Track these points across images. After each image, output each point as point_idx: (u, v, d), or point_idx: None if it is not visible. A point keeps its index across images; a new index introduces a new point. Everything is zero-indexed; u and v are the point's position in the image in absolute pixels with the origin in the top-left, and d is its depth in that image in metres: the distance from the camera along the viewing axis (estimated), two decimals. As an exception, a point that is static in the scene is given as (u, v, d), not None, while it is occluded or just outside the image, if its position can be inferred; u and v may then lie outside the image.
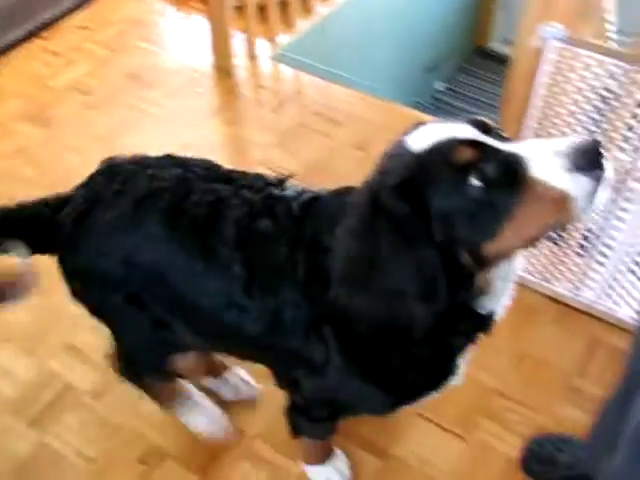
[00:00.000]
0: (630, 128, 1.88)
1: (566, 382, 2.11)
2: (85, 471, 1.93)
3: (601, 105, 1.89)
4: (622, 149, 1.93)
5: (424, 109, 4.58)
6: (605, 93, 1.87)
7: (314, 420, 1.66)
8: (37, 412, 2.03)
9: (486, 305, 1.27)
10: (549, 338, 2.21)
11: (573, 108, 1.93)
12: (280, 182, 1.50)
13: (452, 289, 1.14)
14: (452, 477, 1.92)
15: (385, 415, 1.60)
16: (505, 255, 1.17)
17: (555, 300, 2.30)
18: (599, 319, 2.25)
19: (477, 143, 1.10)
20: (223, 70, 3.18)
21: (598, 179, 1.07)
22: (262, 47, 3.31)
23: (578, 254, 2.21)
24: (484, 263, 1.16)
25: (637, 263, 2.10)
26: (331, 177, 2.62)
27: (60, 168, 2.73)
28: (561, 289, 2.28)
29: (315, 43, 3.51)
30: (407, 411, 1.99)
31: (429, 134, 1.14)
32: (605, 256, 2.15)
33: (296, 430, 1.72)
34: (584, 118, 1.93)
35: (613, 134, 1.91)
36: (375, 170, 1.20)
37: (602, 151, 1.08)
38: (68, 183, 2.60)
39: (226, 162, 2.76)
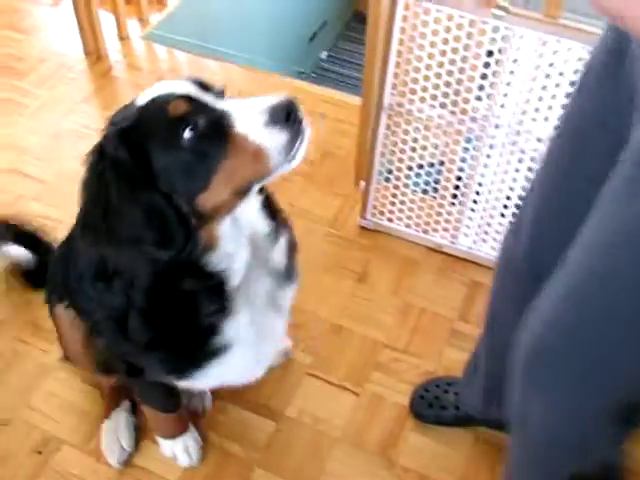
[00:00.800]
0: (484, 77, 1.95)
1: (450, 327, 2.18)
2: (-21, 467, 1.91)
3: (455, 57, 1.95)
4: (479, 98, 2.00)
5: (306, 78, 4.60)
6: (457, 45, 1.93)
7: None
8: None
9: (215, 263, 1.30)
10: (431, 287, 2.28)
11: (429, 62, 1.98)
12: None
13: (187, 236, 1.21)
14: (347, 431, 1.97)
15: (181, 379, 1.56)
16: (221, 209, 1.23)
17: (434, 250, 2.37)
18: (478, 264, 2.33)
19: (192, 99, 1.19)
20: (94, 54, 3.13)
21: (292, 134, 1.17)
22: (133, 28, 3.27)
23: (452, 204, 2.28)
24: (203, 217, 1.22)
25: (506, 207, 2.19)
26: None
27: None
28: (439, 239, 2.35)
29: (187, 19, 3.49)
30: (297, 371, 2.07)
31: (155, 90, 1.22)
32: (476, 203, 2.23)
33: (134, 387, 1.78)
34: (441, 71, 1.98)
35: (469, 84, 1.97)
36: (105, 123, 1.25)
37: (297, 109, 1.17)
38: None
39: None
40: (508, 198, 2.17)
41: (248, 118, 1.17)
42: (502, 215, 2.22)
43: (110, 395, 1.98)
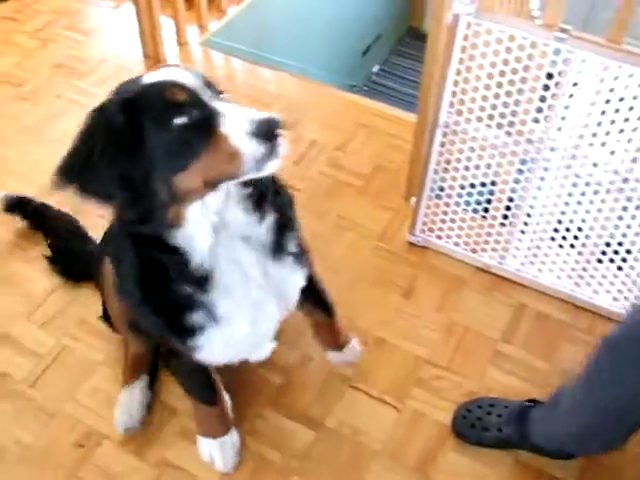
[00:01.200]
0: (542, 99, 1.94)
1: (493, 348, 2.17)
2: (23, 458, 1.94)
3: (515, 78, 1.95)
4: (536, 120, 1.99)
5: (358, 91, 4.62)
6: (517, 66, 1.93)
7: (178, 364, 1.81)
8: (-28, 402, 2.04)
9: (179, 239, 1.40)
10: (476, 307, 2.28)
11: (488, 81, 1.98)
12: None
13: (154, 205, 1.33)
14: (386, 445, 1.97)
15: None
16: (190, 193, 1.33)
17: (482, 270, 2.36)
18: (524, 286, 2.32)
19: (191, 91, 1.30)
20: (153, 58, 3.18)
21: (269, 149, 1.28)
22: (192, 34, 3.32)
23: (502, 224, 2.28)
24: (174, 196, 1.32)
25: (557, 230, 2.18)
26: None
27: (-10, 160, 2.72)
28: (487, 259, 2.35)
29: (244, 27, 3.53)
30: (338, 382, 2.08)
31: (161, 73, 1.33)
32: (527, 225, 2.22)
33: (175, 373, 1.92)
34: (499, 91, 1.98)
35: (527, 106, 1.97)
36: (111, 91, 1.38)
37: (280, 129, 1.29)
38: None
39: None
40: (559, 222, 2.16)
41: (234, 123, 1.28)
42: (552, 239, 2.21)
43: (132, 365, 2.05)
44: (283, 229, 1.58)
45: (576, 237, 2.16)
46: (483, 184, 2.26)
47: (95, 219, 2.36)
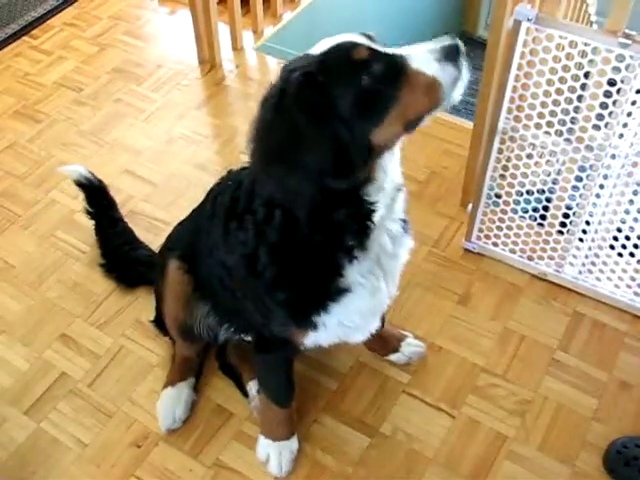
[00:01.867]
0: (604, 106, 1.92)
1: (549, 356, 2.15)
2: (81, 456, 1.97)
3: (575, 84, 1.93)
4: (597, 127, 1.97)
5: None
6: (578, 72, 1.91)
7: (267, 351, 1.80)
8: (33, 401, 2.08)
9: (371, 194, 1.42)
10: (533, 315, 2.25)
11: (548, 88, 1.96)
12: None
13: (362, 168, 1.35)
14: (440, 453, 1.96)
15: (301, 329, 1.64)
16: (389, 143, 1.37)
17: (539, 278, 2.34)
18: (582, 295, 2.29)
19: (369, 47, 1.32)
20: (208, 63, 3.21)
21: (460, 68, 1.33)
22: (247, 39, 3.35)
23: (560, 232, 2.25)
24: (373, 151, 1.35)
25: (616, 238, 2.15)
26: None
27: (50, 164, 2.78)
28: (544, 267, 2.32)
29: (299, 32, 3.54)
30: (394, 388, 2.07)
31: (331, 41, 1.35)
32: (585, 233, 2.20)
33: (258, 369, 1.93)
34: (559, 98, 1.96)
35: (587, 112, 1.95)
36: (280, 73, 1.38)
37: (462, 49, 1.33)
38: (58, 179, 2.67)
39: (213, 152, 2.84)
40: (619, 230, 2.13)
41: (421, 57, 1.32)
42: (611, 247, 2.18)
43: (180, 365, 2.08)
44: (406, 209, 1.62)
45: (636, 246, 2.12)
46: (540, 191, 2.24)
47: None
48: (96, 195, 2.36)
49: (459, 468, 1.93)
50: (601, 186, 2.08)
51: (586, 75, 1.92)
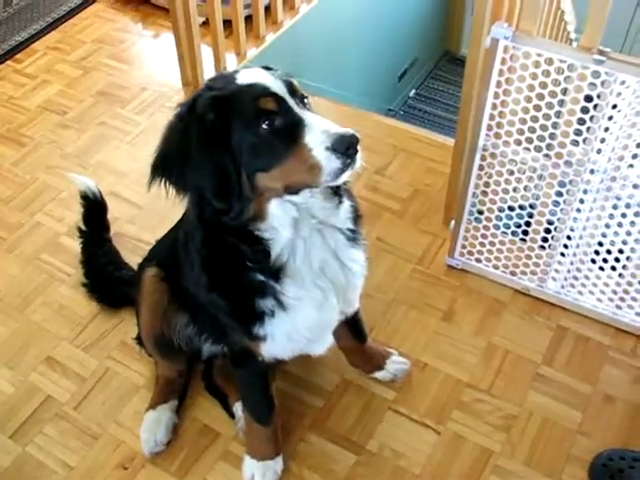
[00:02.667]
0: (581, 121, 1.94)
1: (534, 371, 2.16)
2: (68, 479, 1.97)
3: (553, 101, 1.96)
4: (575, 143, 1.99)
5: (394, 115, 4.65)
6: (555, 89, 1.94)
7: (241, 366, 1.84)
8: (19, 424, 2.07)
9: (262, 231, 1.48)
10: (517, 330, 2.27)
11: (526, 105, 1.99)
12: None
13: (239, 197, 1.42)
14: (427, 469, 1.96)
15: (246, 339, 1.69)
16: (271, 192, 1.42)
17: (522, 293, 2.36)
18: (565, 309, 2.31)
19: (280, 99, 1.38)
20: (192, 85, 3.22)
21: (345, 164, 1.35)
22: (230, 61, 3.37)
23: (542, 247, 2.27)
24: (256, 191, 1.41)
25: (597, 253, 2.17)
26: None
27: (34, 187, 2.78)
28: (527, 282, 2.34)
29: (282, 54, 3.57)
30: (379, 405, 2.08)
31: (254, 75, 1.42)
32: (567, 247, 2.22)
33: (239, 385, 1.95)
34: (538, 114, 1.99)
35: (565, 128, 1.97)
36: (203, 85, 1.48)
37: (358, 146, 1.36)
38: (42, 202, 2.67)
39: (196, 173, 2.82)
40: (600, 244, 2.15)
41: (317, 135, 1.35)
42: (593, 261, 2.20)
43: (162, 388, 2.08)
44: (357, 218, 1.65)
45: (617, 259, 2.14)
46: (522, 207, 2.26)
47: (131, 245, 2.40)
48: (95, 213, 2.39)
49: (445, 484, 1.94)
50: (581, 201, 2.10)
51: (563, 91, 1.94)
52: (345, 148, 1.34)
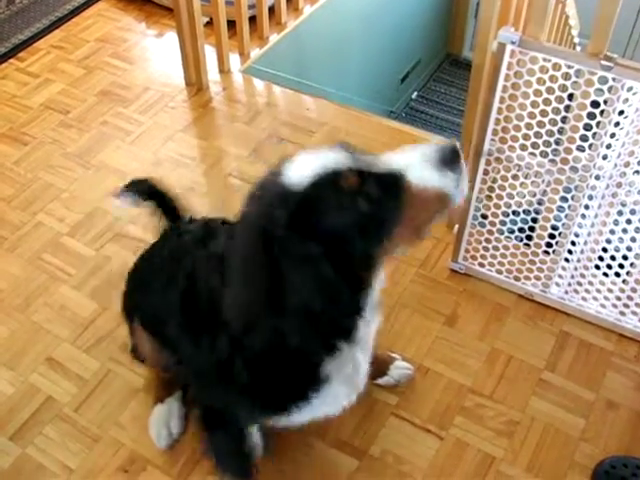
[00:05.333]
0: (587, 127, 1.94)
1: (537, 377, 2.15)
2: (67, 482, 1.96)
3: (559, 106, 1.95)
4: (581, 148, 1.98)
5: (396, 118, 4.64)
6: (562, 94, 1.93)
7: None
8: (18, 426, 2.06)
9: (366, 298, 1.35)
10: (519, 335, 2.26)
11: (533, 110, 1.98)
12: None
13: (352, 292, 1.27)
14: (429, 474, 1.96)
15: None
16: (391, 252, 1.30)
17: (525, 298, 2.35)
18: (568, 315, 2.30)
19: (354, 169, 1.21)
20: (195, 85, 3.22)
21: (460, 172, 1.25)
22: (234, 61, 3.36)
23: (546, 252, 2.26)
24: (374, 265, 1.30)
25: (602, 258, 2.16)
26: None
27: (36, 186, 2.77)
28: (531, 287, 2.33)
29: (286, 55, 3.56)
30: (382, 410, 2.07)
31: (307, 166, 1.23)
32: (571, 253, 2.21)
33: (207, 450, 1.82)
34: (544, 119, 1.98)
35: (572, 134, 1.96)
36: (253, 203, 1.30)
37: (458, 149, 1.25)
38: (44, 201, 2.67)
39: (200, 175, 2.84)
40: (605, 250, 2.14)
41: (418, 168, 1.23)
42: (597, 267, 2.19)
43: (163, 385, 2.06)
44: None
45: (622, 265, 2.14)
46: (526, 211, 2.25)
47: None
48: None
49: (448, 490, 1.93)
50: (586, 206, 2.09)
51: (570, 97, 1.94)
52: (446, 160, 1.23)
